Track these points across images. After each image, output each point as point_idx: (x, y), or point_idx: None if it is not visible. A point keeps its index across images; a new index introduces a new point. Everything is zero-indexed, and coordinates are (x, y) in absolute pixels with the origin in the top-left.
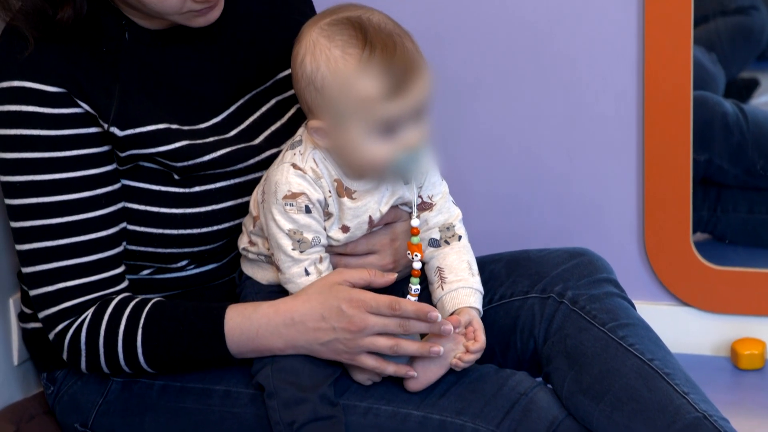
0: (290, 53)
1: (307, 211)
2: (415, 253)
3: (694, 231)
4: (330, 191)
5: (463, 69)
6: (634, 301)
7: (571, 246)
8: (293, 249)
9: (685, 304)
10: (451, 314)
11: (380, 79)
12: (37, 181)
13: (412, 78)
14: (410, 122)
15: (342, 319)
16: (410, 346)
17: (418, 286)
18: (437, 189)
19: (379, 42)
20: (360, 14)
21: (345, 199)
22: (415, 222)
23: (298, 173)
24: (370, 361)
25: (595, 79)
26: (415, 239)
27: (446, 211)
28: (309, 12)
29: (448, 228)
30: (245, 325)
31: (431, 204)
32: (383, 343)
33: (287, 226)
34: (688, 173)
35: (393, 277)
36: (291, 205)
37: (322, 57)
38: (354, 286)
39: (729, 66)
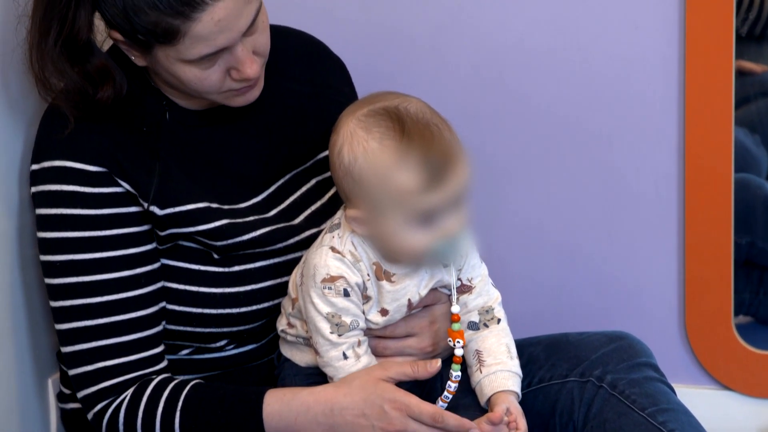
0: (330, 134)
1: (346, 294)
2: (457, 339)
3: (736, 314)
4: (369, 274)
5: (501, 150)
6: (674, 385)
7: (610, 329)
8: (331, 332)
9: (727, 388)
10: (489, 398)
11: (418, 171)
12: (78, 260)
13: (450, 169)
14: (449, 211)
15: (382, 419)
16: None
17: (459, 373)
18: (476, 272)
19: (417, 133)
20: (397, 104)
21: (384, 282)
22: (455, 308)
23: (336, 256)
24: None
25: (636, 160)
26: (456, 326)
27: (485, 294)
28: (349, 93)
29: (487, 311)
30: (284, 411)
31: (470, 287)
32: None
33: (326, 309)
34: (729, 255)
35: (437, 366)
36: (329, 288)
37: (360, 149)
38: (398, 380)
39: None
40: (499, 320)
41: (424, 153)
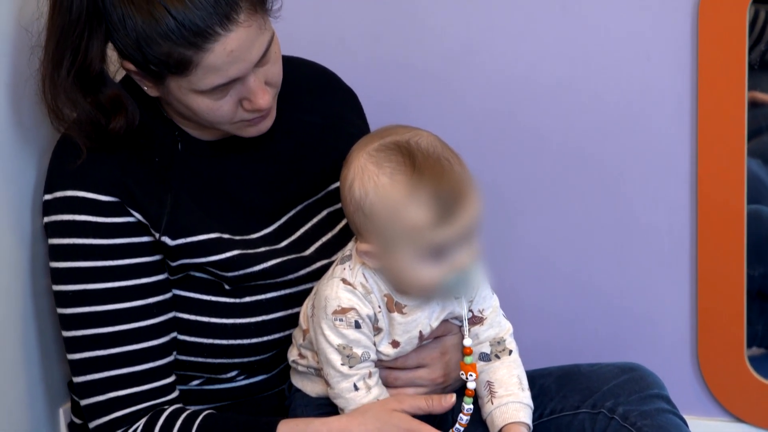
0: (341, 165)
1: (357, 326)
2: (470, 373)
3: (749, 346)
4: (380, 306)
5: (513, 182)
6: (687, 416)
7: (622, 360)
8: (342, 364)
9: (740, 420)
10: (500, 430)
11: (429, 206)
12: (90, 290)
13: (461, 203)
14: (460, 245)
15: None
16: None
17: (471, 406)
18: (488, 303)
19: (428, 168)
20: (408, 138)
21: (395, 314)
22: (467, 341)
23: (347, 288)
24: None
25: (648, 192)
26: (468, 359)
27: (497, 325)
28: (362, 125)
29: (498, 342)
30: None
31: (482, 318)
32: None
33: (336, 341)
34: (742, 287)
35: (452, 400)
36: (340, 320)
37: (371, 184)
38: (412, 413)
39: None
40: (510, 351)
41: (435, 188)
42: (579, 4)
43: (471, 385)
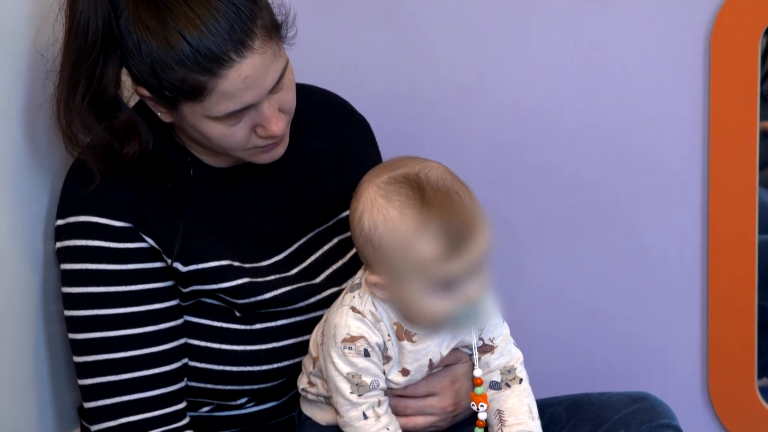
0: (352, 194)
1: (366, 354)
2: (481, 403)
3: (760, 376)
4: (389, 334)
5: (525, 211)
6: None
7: (632, 390)
8: (351, 392)
9: None
10: None
11: (438, 240)
12: (102, 316)
13: (471, 237)
14: (470, 277)
15: None
16: None
17: None
18: (498, 331)
19: (437, 202)
20: (418, 170)
21: (405, 342)
22: (477, 372)
23: (357, 316)
24: None
25: (659, 222)
26: (479, 390)
27: (507, 354)
28: (374, 153)
29: (509, 371)
30: None
31: (492, 346)
32: None
33: (346, 369)
34: (752, 317)
35: None
36: (350, 348)
37: (380, 217)
38: None
39: None
40: (521, 380)
41: (444, 222)
42: (591, 35)
43: (482, 415)
